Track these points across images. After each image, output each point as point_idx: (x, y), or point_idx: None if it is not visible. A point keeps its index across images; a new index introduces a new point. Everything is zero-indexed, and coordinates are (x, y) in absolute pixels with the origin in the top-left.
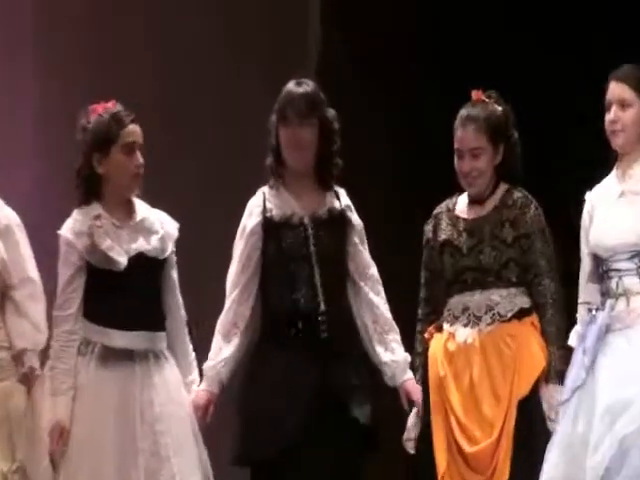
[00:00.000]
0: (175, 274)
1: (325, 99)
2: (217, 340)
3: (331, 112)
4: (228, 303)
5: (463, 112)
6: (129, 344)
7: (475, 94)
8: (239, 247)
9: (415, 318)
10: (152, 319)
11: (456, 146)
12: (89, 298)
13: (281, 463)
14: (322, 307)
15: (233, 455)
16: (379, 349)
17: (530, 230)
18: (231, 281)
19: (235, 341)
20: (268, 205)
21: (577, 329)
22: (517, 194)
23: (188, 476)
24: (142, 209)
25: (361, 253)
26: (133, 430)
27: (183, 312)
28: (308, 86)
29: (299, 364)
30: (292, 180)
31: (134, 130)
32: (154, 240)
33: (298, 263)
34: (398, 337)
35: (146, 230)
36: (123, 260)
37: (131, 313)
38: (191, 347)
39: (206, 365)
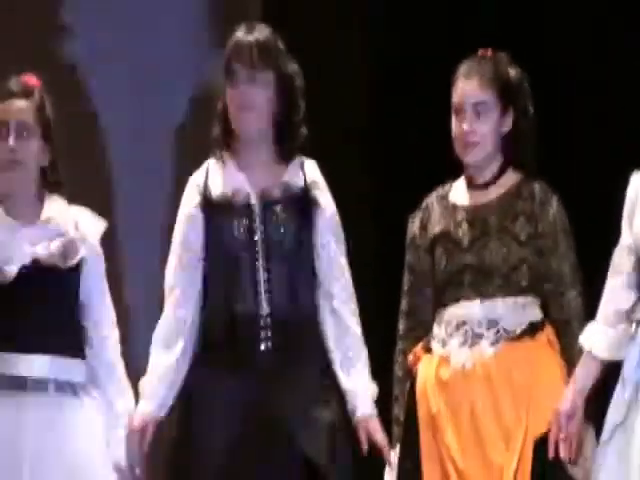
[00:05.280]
0: (99, 286)
1: (284, 49)
2: (154, 353)
3: (292, 66)
4: (166, 308)
5: (466, 64)
6: (16, 370)
7: (483, 51)
8: (177, 237)
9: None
10: (55, 341)
11: (455, 100)
12: None
13: None
14: (264, 310)
15: None
16: (340, 372)
17: (552, 230)
18: (169, 281)
19: (176, 349)
20: (210, 181)
21: (599, 330)
22: (536, 185)
23: None
24: (52, 207)
25: (330, 247)
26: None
27: (110, 338)
28: (261, 32)
29: (228, 386)
30: (244, 152)
31: (4, 108)
32: (55, 244)
33: (240, 254)
34: (365, 360)
35: (51, 232)
36: (11, 269)
37: (23, 332)
38: (122, 385)
39: (140, 382)
